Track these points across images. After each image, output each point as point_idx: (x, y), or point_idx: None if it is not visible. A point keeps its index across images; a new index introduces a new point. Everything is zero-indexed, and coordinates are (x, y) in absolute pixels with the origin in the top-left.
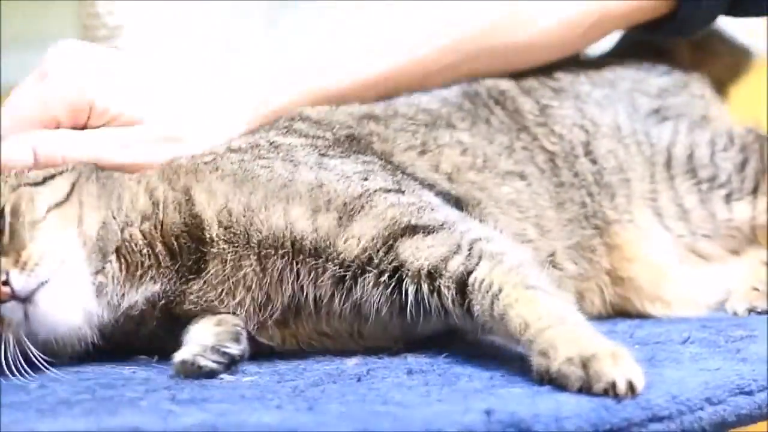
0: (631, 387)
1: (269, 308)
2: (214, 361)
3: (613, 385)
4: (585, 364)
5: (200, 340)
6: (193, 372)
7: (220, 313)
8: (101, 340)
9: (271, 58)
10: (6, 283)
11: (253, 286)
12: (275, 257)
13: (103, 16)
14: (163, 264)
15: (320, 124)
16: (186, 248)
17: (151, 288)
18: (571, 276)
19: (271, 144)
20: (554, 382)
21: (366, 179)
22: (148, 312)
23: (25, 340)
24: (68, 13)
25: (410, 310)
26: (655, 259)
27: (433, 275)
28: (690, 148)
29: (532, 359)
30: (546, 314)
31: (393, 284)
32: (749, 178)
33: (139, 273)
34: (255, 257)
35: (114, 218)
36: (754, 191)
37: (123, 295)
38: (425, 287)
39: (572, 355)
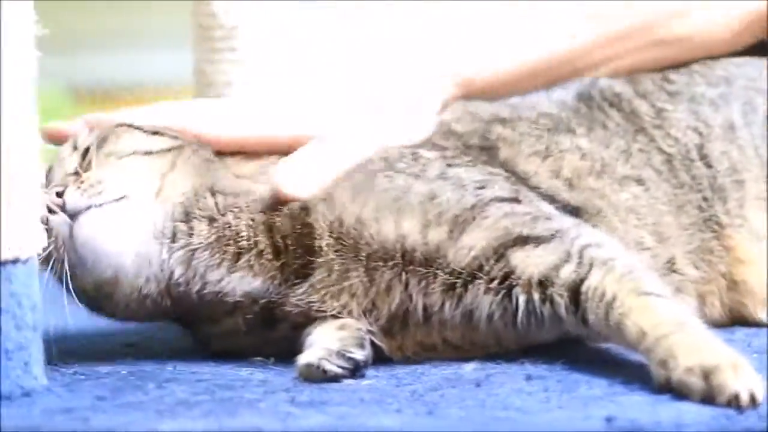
0: (752, 398)
1: (374, 315)
2: (339, 366)
3: (736, 397)
4: (706, 375)
5: (324, 343)
6: (317, 376)
7: (335, 317)
8: (176, 308)
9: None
10: (60, 195)
11: (359, 293)
12: (384, 268)
13: (219, 16)
14: (265, 258)
15: (457, 136)
16: (292, 251)
17: (250, 282)
18: (693, 280)
19: (412, 156)
20: (675, 391)
21: (483, 188)
22: (246, 306)
23: (68, 269)
24: (183, 12)
25: (521, 319)
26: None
27: (544, 284)
28: None
29: (651, 368)
30: (663, 321)
31: (504, 291)
32: None
33: (236, 256)
34: (363, 268)
35: (212, 195)
36: None
37: (210, 267)
38: (536, 296)
39: (693, 365)
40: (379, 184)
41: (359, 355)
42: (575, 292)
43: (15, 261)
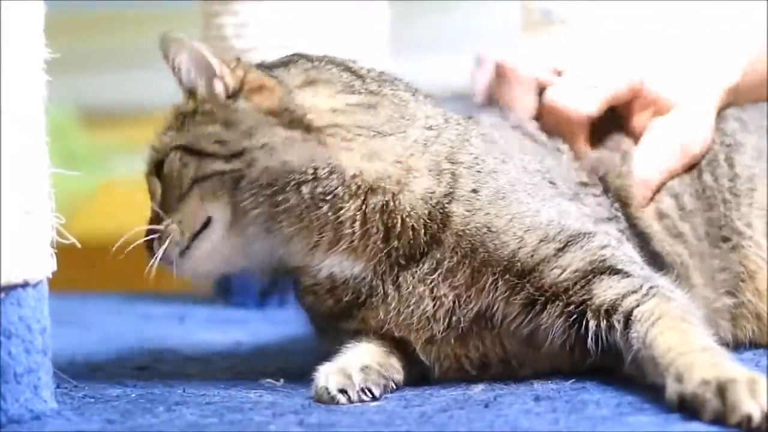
0: (766, 418)
1: (459, 312)
2: (351, 401)
3: (749, 419)
4: (721, 390)
5: (353, 366)
6: (327, 401)
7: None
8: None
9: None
10: None
11: (458, 290)
12: (488, 273)
13: (230, 40)
14: (371, 243)
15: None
16: (408, 237)
17: (349, 264)
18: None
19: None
20: (686, 405)
21: (597, 222)
22: (338, 289)
23: None
24: (195, 33)
25: (591, 345)
26: None
27: (609, 312)
28: None
29: (667, 384)
30: (691, 342)
31: (575, 317)
32: None
33: (335, 242)
34: (470, 270)
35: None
36: None
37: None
38: (604, 323)
39: (709, 378)
40: (518, 199)
41: (377, 392)
42: (630, 314)
43: (24, 285)
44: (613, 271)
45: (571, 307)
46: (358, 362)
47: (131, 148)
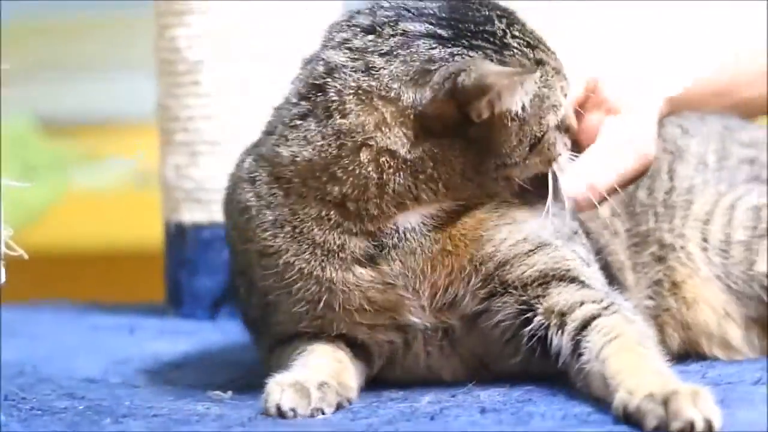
0: (709, 427)
1: (435, 298)
2: (302, 416)
3: (691, 425)
4: (665, 400)
5: (307, 382)
6: (275, 415)
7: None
8: None
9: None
10: None
11: (444, 276)
12: (471, 268)
13: (183, 51)
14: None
15: None
16: None
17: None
18: (652, 313)
19: None
20: (631, 419)
21: (567, 240)
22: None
23: None
24: (148, 44)
25: (533, 343)
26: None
27: (564, 313)
28: None
29: (615, 397)
30: (644, 366)
31: (525, 314)
32: None
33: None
34: (457, 262)
35: None
36: None
37: None
38: (553, 321)
39: (654, 391)
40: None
41: (328, 411)
42: (586, 324)
43: None
44: (575, 280)
45: (524, 304)
46: (317, 378)
47: (91, 157)
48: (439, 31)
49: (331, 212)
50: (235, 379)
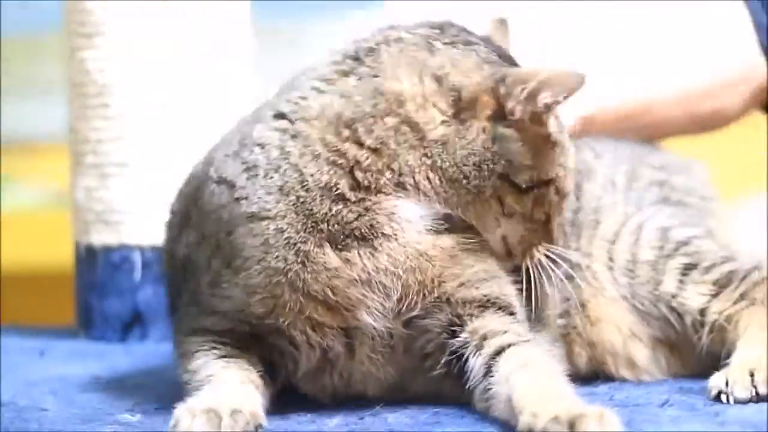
0: None
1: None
2: None
3: None
4: (571, 423)
5: (220, 408)
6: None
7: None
8: None
9: None
10: None
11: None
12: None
13: (92, 73)
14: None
15: None
16: None
17: None
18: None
19: None
20: None
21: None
22: None
23: None
24: (59, 65)
25: (450, 360)
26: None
27: (486, 337)
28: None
29: (520, 419)
30: (551, 390)
31: (453, 328)
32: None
33: None
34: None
35: None
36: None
37: None
38: (474, 342)
39: (560, 414)
40: None
41: None
42: (502, 350)
43: None
44: (511, 314)
45: (457, 318)
46: (228, 404)
47: (2, 179)
48: (492, 56)
49: (341, 181)
50: (143, 402)
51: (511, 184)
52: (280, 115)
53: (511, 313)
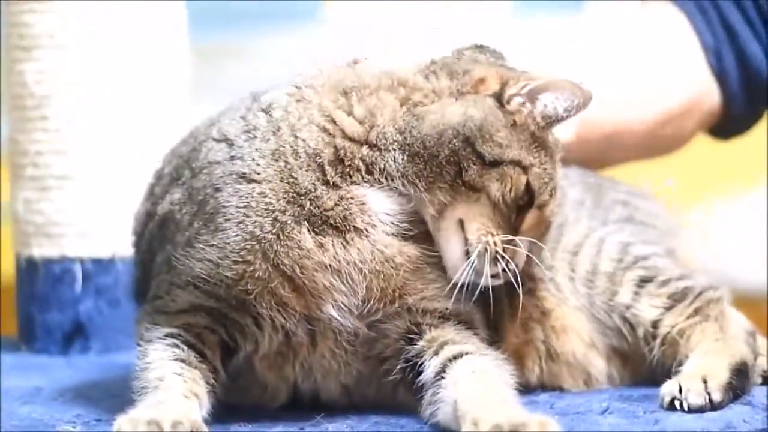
0: None
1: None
2: None
3: None
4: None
5: (162, 421)
6: None
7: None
8: None
9: None
10: None
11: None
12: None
13: (30, 86)
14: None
15: None
16: None
17: None
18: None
19: None
20: None
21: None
22: None
23: None
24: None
25: (406, 367)
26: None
27: (443, 345)
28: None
29: (462, 425)
30: (494, 398)
31: (411, 336)
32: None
33: None
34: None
35: None
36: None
37: None
38: (432, 349)
39: (501, 421)
40: None
41: None
42: (456, 357)
43: None
44: (471, 328)
45: (415, 326)
46: (170, 416)
47: None
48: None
49: (325, 150)
50: (83, 414)
51: (475, 152)
52: (294, 86)
53: (471, 327)
